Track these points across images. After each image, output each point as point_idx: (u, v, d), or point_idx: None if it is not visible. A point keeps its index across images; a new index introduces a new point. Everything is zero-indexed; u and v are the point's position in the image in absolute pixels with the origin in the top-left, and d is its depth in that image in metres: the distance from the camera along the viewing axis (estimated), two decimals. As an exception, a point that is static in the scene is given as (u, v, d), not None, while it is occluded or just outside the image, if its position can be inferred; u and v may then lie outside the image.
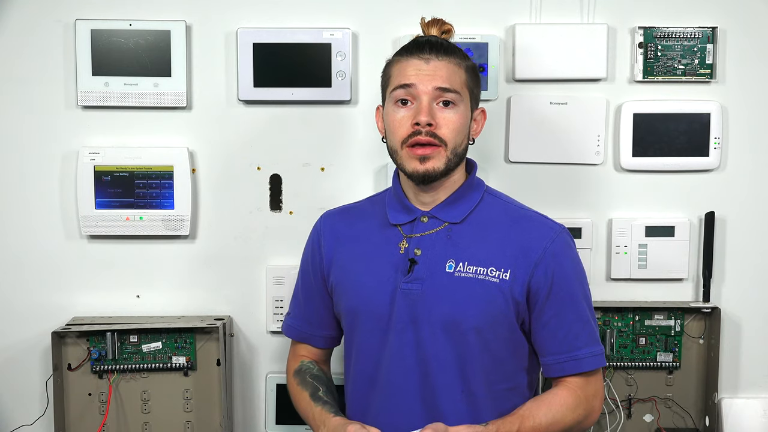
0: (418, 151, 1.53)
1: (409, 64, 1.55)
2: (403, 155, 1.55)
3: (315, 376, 1.68)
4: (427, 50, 1.54)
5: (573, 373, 1.58)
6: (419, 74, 1.53)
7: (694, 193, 2.08)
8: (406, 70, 1.55)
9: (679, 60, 2.04)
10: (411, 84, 1.53)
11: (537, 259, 1.56)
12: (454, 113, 1.54)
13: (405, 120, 1.54)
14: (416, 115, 1.52)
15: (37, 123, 2.05)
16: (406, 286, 1.56)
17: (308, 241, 1.76)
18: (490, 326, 1.55)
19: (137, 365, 2.03)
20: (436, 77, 1.53)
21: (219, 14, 2.04)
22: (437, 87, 1.53)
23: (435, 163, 1.53)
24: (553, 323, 1.57)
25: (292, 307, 1.79)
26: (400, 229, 1.62)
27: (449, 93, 1.54)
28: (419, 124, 1.52)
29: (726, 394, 2.11)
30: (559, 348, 1.58)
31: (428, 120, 1.51)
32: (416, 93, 1.54)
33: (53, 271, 2.08)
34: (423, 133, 1.52)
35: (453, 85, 1.54)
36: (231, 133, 2.07)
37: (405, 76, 1.54)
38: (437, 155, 1.53)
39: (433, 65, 1.53)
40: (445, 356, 1.55)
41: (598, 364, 1.60)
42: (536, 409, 1.54)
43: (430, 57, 1.54)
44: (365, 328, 1.61)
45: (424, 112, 1.52)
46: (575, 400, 1.57)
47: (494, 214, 1.61)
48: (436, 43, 1.56)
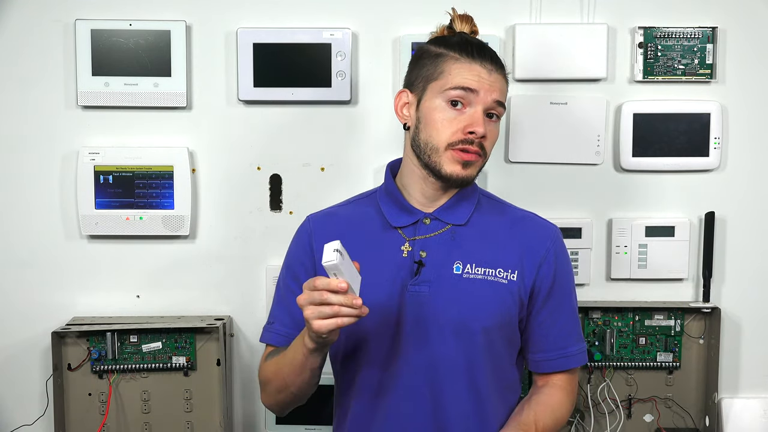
0: (465, 157, 1.51)
1: (471, 68, 1.51)
2: (445, 156, 1.52)
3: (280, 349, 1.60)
4: (489, 59, 1.52)
5: (562, 369, 1.60)
6: (482, 82, 1.51)
7: (694, 193, 2.08)
8: (468, 73, 1.51)
9: (679, 60, 2.04)
10: (474, 90, 1.50)
11: (541, 259, 1.56)
12: (496, 127, 1.55)
13: (456, 123, 1.51)
14: (472, 123, 1.50)
15: (37, 123, 2.05)
16: (413, 288, 1.55)
17: (295, 246, 1.67)
18: (498, 327, 1.55)
19: (137, 365, 2.03)
20: (495, 90, 1.52)
21: (219, 14, 2.04)
22: (496, 100, 1.52)
23: (473, 170, 1.54)
24: (549, 321, 1.59)
25: (278, 314, 1.66)
26: (401, 231, 1.60)
27: (500, 108, 1.54)
28: (473, 134, 1.50)
29: (726, 394, 2.11)
30: (552, 345, 1.59)
31: (484, 132, 1.51)
32: (475, 100, 1.51)
33: (53, 271, 2.08)
34: (474, 143, 1.51)
35: (504, 100, 1.55)
36: (231, 133, 2.07)
37: (467, 79, 1.51)
38: (476, 164, 1.54)
39: (494, 77, 1.52)
40: (453, 358, 1.54)
41: (584, 360, 1.63)
42: (543, 413, 1.56)
43: (492, 68, 1.52)
44: (370, 333, 1.58)
45: (481, 123, 1.50)
46: (568, 398, 1.61)
47: (493, 215, 1.61)
48: (496, 55, 1.55)
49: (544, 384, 1.62)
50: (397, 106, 1.59)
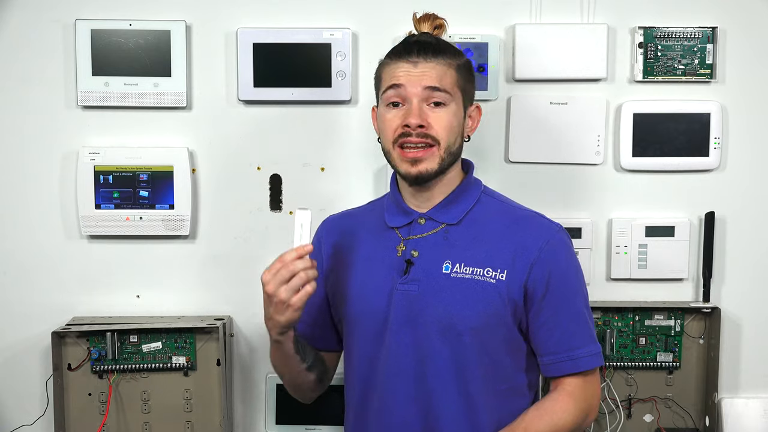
0: (408, 155, 1.53)
1: (398, 67, 1.55)
2: (394, 156, 1.56)
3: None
4: (415, 52, 1.54)
5: (571, 372, 1.57)
6: (408, 75, 1.53)
7: (694, 193, 2.08)
8: (396, 72, 1.55)
9: (679, 60, 2.04)
10: (400, 84, 1.53)
11: (534, 259, 1.55)
12: (445, 112, 1.54)
13: (395, 120, 1.54)
14: (406, 116, 1.52)
15: (37, 123, 2.05)
16: (402, 287, 1.56)
17: None
18: (486, 327, 1.54)
19: (137, 365, 2.03)
20: (425, 77, 1.53)
21: (219, 14, 2.04)
22: (427, 86, 1.52)
23: (428, 164, 1.53)
24: (551, 323, 1.57)
25: None
26: (398, 231, 1.61)
27: (439, 93, 1.53)
28: (409, 126, 1.52)
29: (726, 394, 2.11)
30: (557, 347, 1.57)
31: (418, 122, 1.51)
32: (406, 94, 1.53)
33: (53, 271, 2.08)
34: (414, 134, 1.52)
35: (443, 84, 1.53)
36: (231, 133, 2.07)
37: (394, 77, 1.54)
38: (430, 156, 1.53)
39: (421, 68, 1.53)
40: (441, 357, 1.54)
41: (595, 363, 1.59)
42: (538, 419, 1.54)
43: (418, 60, 1.53)
44: (362, 331, 1.60)
45: (414, 113, 1.52)
46: (575, 404, 1.56)
47: (491, 214, 1.61)
48: (425, 44, 1.55)
49: (554, 389, 1.60)
50: (373, 121, 1.66)
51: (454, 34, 1.98)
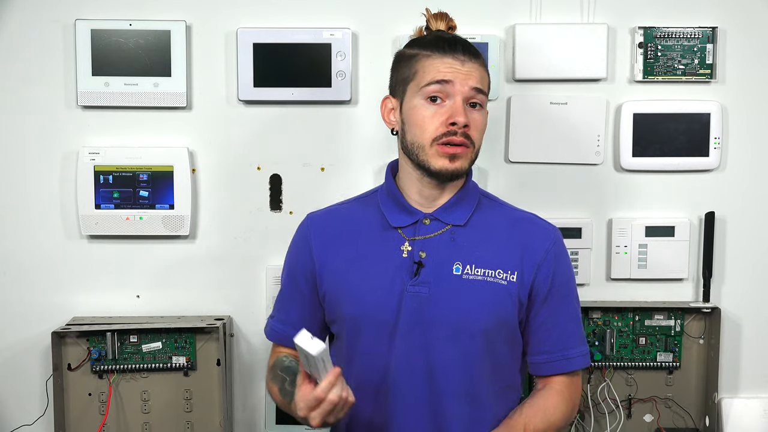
0: (449, 150, 1.51)
1: (443, 62, 1.52)
2: (431, 152, 1.52)
3: (285, 368, 1.62)
4: (461, 50, 1.52)
5: (562, 372, 1.59)
6: (456, 73, 1.51)
7: (694, 193, 2.08)
8: (441, 66, 1.52)
9: (679, 60, 2.04)
10: (449, 81, 1.51)
11: (540, 260, 1.56)
12: (481, 115, 1.55)
13: (437, 117, 1.51)
14: (452, 114, 1.50)
15: (37, 123, 2.05)
16: (413, 289, 1.55)
17: (294, 245, 1.69)
18: (497, 328, 1.55)
19: (137, 365, 2.03)
20: (471, 78, 1.52)
21: (219, 14, 2.04)
22: (473, 86, 1.51)
23: (462, 162, 1.53)
24: (549, 323, 1.58)
25: (276, 310, 1.72)
26: (401, 231, 1.60)
27: (481, 95, 1.53)
28: (455, 125, 1.50)
29: (726, 394, 2.11)
30: (553, 347, 1.58)
31: (466, 121, 1.50)
32: (452, 91, 1.51)
33: (53, 271, 2.08)
34: (458, 134, 1.51)
35: (484, 86, 1.54)
36: (231, 133, 2.07)
37: (441, 72, 1.51)
38: (465, 155, 1.53)
39: (469, 66, 1.52)
40: (452, 359, 1.54)
41: (586, 363, 1.62)
42: (533, 415, 1.55)
43: (464, 58, 1.52)
44: (369, 334, 1.58)
45: (461, 113, 1.50)
46: (564, 402, 1.59)
47: (493, 216, 1.61)
48: (468, 45, 1.55)
49: (543, 387, 1.61)
50: (384, 112, 1.62)
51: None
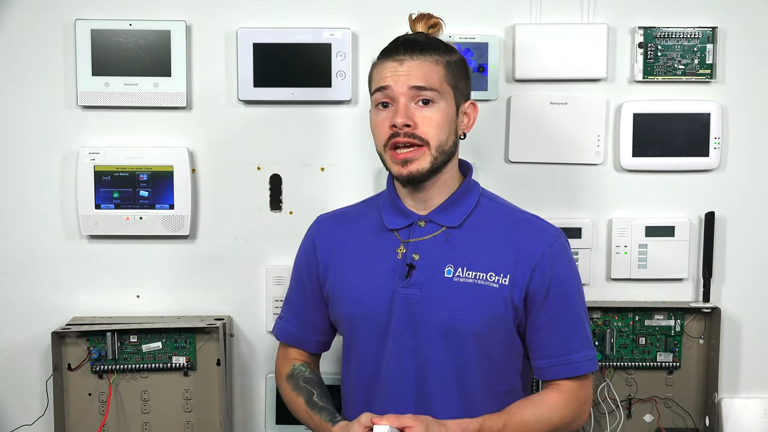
0: (399, 156, 1.52)
1: (385, 67, 1.54)
2: (387, 159, 1.55)
3: (308, 380, 1.66)
4: (401, 51, 1.53)
5: (567, 376, 1.58)
6: (394, 76, 1.52)
7: (694, 193, 2.08)
8: (383, 72, 1.54)
9: (679, 60, 2.04)
10: (386, 86, 1.53)
11: (535, 263, 1.55)
12: (433, 111, 1.52)
13: (384, 122, 1.53)
14: (393, 116, 1.52)
15: (37, 123, 2.05)
16: (404, 291, 1.55)
17: (303, 246, 1.73)
18: (489, 331, 1.54)
19: (137, 365, 2.03)
20: (411, 76, 1.51)
21: (219, 14, 2.04)
22: (412, 86, 1.51)
23: (419, 164, 1.52)
24: (549, 326, 1.57)
25: (285, 311, 1.76)
26: (397, 233, 1.60)
27: (426, 91, 1.52)
28: (396, 126, 1.51)
29: (726, 394, 2.11)
30: (555, 351, 1.57)
31: (404, 121, 1.50)
32: (392, 95, 1.52)
33: (53, 271, 2.08)
34: (401, 134, 1.51)
35: (429, 83, 1.52)
36: (231, 133, 2.07)
37: (382, 78, 1.54)
38: (420, 156, 1.52)
39: (407, 66, 1.52)
40: (442, 361, 1.54)
41: (591, 368, 1.59)
42: (524, 406, 1.55)
43: (403, 58, 1.52)
44: (363, 334, 1.60)
45: (400, 113, 1.50)
46: (564, 401, 1.57)
47: (491, 217, 1.60)
48: (411, 42, 1.54)
49: (546, 386, 1.60)
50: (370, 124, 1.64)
51: (454, 34, 1.98)
